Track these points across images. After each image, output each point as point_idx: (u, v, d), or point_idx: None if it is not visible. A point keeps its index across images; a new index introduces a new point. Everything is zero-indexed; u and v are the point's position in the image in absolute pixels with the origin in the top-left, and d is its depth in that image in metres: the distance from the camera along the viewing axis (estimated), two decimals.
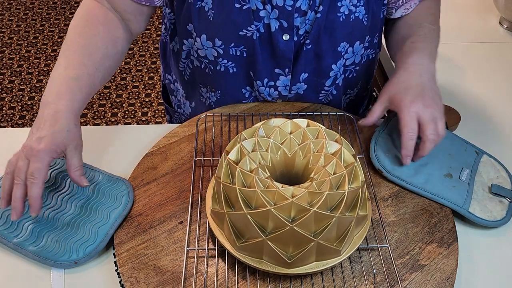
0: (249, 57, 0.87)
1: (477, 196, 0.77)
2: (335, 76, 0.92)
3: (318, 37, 0.84)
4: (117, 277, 0.68)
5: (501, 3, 1.29)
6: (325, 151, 0.69)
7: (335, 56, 0.88)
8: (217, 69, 0.90)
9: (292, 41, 0.85)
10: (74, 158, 0.72)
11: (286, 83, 0.91)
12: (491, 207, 0.76)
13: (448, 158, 0.82)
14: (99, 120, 2.35)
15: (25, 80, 2.58)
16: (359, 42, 0.89)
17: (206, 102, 0.99)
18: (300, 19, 0.83)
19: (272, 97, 0.93)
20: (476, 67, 1.15)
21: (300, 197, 0.62)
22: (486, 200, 0.77)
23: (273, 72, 0.89)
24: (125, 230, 0.72)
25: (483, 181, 0.80)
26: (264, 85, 0.91)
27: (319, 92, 0.94)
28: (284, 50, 0.85)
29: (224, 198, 0.65)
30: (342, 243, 0.64)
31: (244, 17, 0.81)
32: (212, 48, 0.87)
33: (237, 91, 0.93)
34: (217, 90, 0.94)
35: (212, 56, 0.88)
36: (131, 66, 2.68)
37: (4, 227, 0.72)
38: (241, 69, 0.89)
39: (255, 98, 0.95)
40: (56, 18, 3.05)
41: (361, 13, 0.84)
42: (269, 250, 0.62)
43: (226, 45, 0.85)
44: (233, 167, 0.66)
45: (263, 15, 0.82)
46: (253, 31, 0.83)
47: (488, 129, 0.96)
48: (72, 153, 0.72)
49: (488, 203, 0.77)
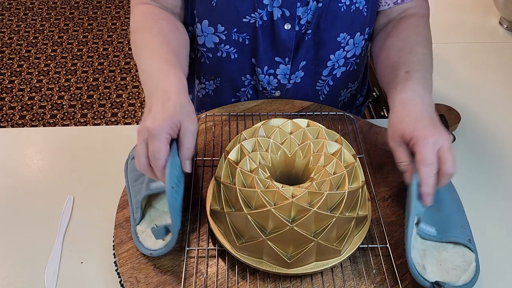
0: (251, 45, 0.88)
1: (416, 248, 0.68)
2: (332, 66, 0.92)
3: (319, 27, 0.85)
4: (117, 277, 0.68)
5: (501, 3, 1.29)
6: (325, 151, 0.69)
7: (334, 47, 0.89)
8: (218, 56, 0.91)
9: (294, 31, 0.85)
10: (186, 137, 0.65)
11: (286, 72, 0.91)
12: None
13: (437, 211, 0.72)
14: (99, 120, 2.35)
15: (25, 80, 2.57)
16: (360, 33, 0.89)
17: (201, 93, 1.00)
18: (302, 9, 0.83)
19: (271, 86, 0.94)
20: (476, 67, 1.15)
21: (300, 197, 0.62)
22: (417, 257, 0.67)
23: (273, 61, 0.90)
24: (125, 230, 0.72)
25: (438, 256, 0.68)
26: (264, 73, 0.91)
27: (316, 81, 0.94)
28: (285, 39, 0.86)
29: (224, 198, 0.66)
30: (342, 243, 0.64)
31: (248, 4, 0.82)
32: (214, 34, 0.87)
33: (237, 78, 0.94)
34: (217, 77, 0.95)
35: (211, 43, 0.89)
36: (131, 66, 2.68)
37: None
38: (243, 56, 0.90)
39: (254, 87, 0.95)
40: (56, 18, 3.05)
41: (361, 4, 0.85)
42: (269, 250, 0.62)
43: (229, 31, 0.86)
44: (233, 167, 0.66)
45: (267, 3, 0.82)
46: (256, 19, 0.84)
47: (488, 129, 0.96)
48: (186, 130, 0.65)
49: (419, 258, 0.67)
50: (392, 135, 0.71)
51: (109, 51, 2.78)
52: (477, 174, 0.87)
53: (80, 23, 3.00)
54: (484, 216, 0.80)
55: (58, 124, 2.33)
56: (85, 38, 2.88)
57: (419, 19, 0.88)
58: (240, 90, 0.96)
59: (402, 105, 0.72)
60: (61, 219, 0.77)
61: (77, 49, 2.79)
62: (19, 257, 0.72)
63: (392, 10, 0.90)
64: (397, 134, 0.70)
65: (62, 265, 0.71)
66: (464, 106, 1.00)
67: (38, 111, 2.39)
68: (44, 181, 0.84)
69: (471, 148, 0.92)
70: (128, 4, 3.17)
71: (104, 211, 0.78)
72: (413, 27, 0.86)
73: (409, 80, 0.75)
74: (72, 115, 2.37)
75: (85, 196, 0.81)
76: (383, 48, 0.87)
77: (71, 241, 0.75)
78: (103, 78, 2.59)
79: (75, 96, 2.47)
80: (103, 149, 0.89)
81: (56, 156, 0.89)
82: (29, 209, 0.79)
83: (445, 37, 1.26)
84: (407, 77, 0.76)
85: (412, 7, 0.90)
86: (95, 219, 0.77)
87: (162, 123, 0.63)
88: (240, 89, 0.96)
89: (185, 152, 0.66)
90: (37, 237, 0.75)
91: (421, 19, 0.88)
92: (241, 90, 0.96)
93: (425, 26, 0.87)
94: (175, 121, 0.64)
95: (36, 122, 2.33)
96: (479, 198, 0.83)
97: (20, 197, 0.81)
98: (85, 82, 2.56)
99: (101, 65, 2.68)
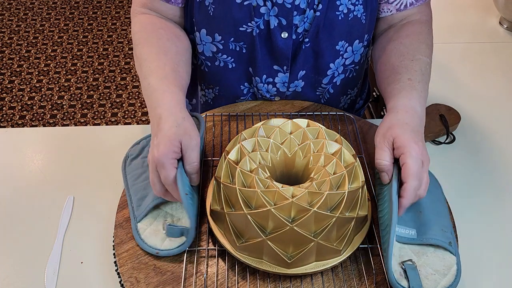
0: (248, 53, 0.87)
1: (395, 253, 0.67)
2: (332, 74, 0.92)
3: (317, 36, 0.85)
4: (117, 277, 0.68)
5: (501, 3, 1.29)
6: (325, 151, 0.69)
7: (333, 55, 0.88)
8: (216, 65, 0.91)
9: (291, 40, 0.85)
10: (189, 151, 0.69)
11: (285, 80, 0.91)
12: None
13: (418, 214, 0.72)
14: (99, 120, 2.35)
15: (25, 80, 2.57)
16: (358, 41, 0.88)
17: (202, 100, 1.00)
18: (299, 17, 0.83)
19: (270, 93, 0.93)
20: (476, 67, 1.15)
21: (300, 197, 0.62)
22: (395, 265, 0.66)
23: (272, 69, 0.89)
24: (125, 230, 0.72)
25: (419, 261, 0.67)
26: (263, 81, 0.91)
27: (316, 89, 0.94)
28: (282, 48, 0.85)
29: (224, 198, 0.66)
30: (342, 243, 0.64)
31: (245, 13, 0.82)
32: (211, 43, 0.87)
33: (236, 87, 0.94)
34: (215, 86, 0.95)
35: (210, 52, 0.89)
36: (131, 66, 2.68)
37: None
38: (240, 65, 0.90)
39: (253, 94, 0.95)
40: (56, 18, 3.05)
41: (359, 12, 0.84)
42: (269, 250, 0.62)
43: (226, 40, 0.86)
44: (233, 167, 0.66)
45: (264, 12, 0.82)
46: (253, 27, 0.83)
47: (488, 129, 0.96)
48: (187, 146, 0.68)
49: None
50: (384, 133, 0.71)
51: (109, 51, 2.78)
52: (476, 174, 0.87)
53: (80, 23, 3.00)
54: (484, 216, 0.80)
55: (58, 124, 2.33)
56: (85, 38, 2.88)
57: (422, 25, 0.87)
58: (239, 98, 0.96)
59: (405, 111, 0.73)
60: (61, 219, 0.77)
61: (77, 49, 2.79)
62: (19, 257, 0.72)
63: (394, 16, 0.89)
64: (390, 134, 0.70)
65: (62, 265, 0.71)
66: (464, 106, 1.00)
67: (38, 111, 2.39)
68: (44, 181, 0.84)
69: (471, 148, 0.92)
70: (128, 4, 3.17)
71: (104, 211, 0.78)
72: (417, 34, 0.85)
73: (413, 89, 0.76)
74: (72, 115, 2.37)
75: (85, 196, 0.81)
76: (384, 51, 0.86)
77: (71, 241, 0.75)
78: (103, 78, 2.59)
79: (75, 96, 2.47)
80: (103, 149, 0.89)
81: (56, 156, 0.89)
82: (29, 209, 0.79)
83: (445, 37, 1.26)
84: (411, 85, 0.76)
85: (414, 13, 0.89)
86: (95, 219, 0.77)
87: (165, 150, 0.66)
88: (239, 98, 0.95)
89: (188, 168, 0.69)
90: (37, 237, 0.75)
91: (424, 25, 0.87)
92: (240, 98, 0.95)
93: (428, 33, 0.86)
94: (175, 143, 0.67)
95: (36, 122, 2.33)
96: (478, 198, 0.83)
97: (20, 197, 0.81)
98: (85, 82, 2.56)
99: (101, 65, 2.68)
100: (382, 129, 0.72)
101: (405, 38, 0.84)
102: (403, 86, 0.76)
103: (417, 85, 0.76)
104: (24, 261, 0.72)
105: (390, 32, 0.89)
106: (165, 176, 0.66)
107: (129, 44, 2.83)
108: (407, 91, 0.75)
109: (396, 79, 0.78)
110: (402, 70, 0.79)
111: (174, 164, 0.67)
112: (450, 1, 1.41)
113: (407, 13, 0.88)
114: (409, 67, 0.79)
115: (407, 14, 0.89)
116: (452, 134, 0.93)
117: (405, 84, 0.76)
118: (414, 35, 0.85)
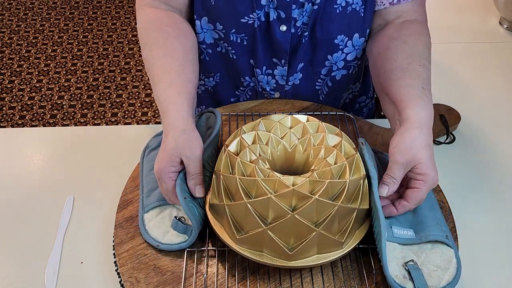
0: (249, 45, 0.88)
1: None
2: (330, 66, 0.92)
3: (315, 29, 0.85)
4: (117, 277, 0.68)
5: (501, 3, 1.29)
6: (325, 143, 0.69)
7: (332, 48, 0.89)
8: (217, 51, 0.91)
9: (289, 33, 0.85)
10: (190, 165, 0.70)
11: (283, 73, 0.91)
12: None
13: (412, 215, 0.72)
14: (99, 120, 2.35)
15: (25, 80, 2.57)
16: (359, 35, 0.88)
17: (201, 89, 1.01)
18: (297, 11, 0.83)
19: (270, 86, 0.94)
20: (476, 67, 1.15)
21: (301, 185, 0.61)
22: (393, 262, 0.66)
23: (271, 61, 0.90)
24: (125, 230, 0.72)
25: (421, 261, 0.67)
26: (263, 73, 0.92)
27: (316, 81, 0.94)
28: (280, 41, 0.86)
29: (223, 190, 0.65)
30: (344, 236, 0.64)
31: (247, 5, 0.82)
32: (213, 30, 0.87)
33: (236, 77, 0.95)
34: (216, 73, 0.95)
35: (211, 39, 0.89)
36: (131, 66, 2.68)
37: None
38: (241, 56, 0.90)
39: (253, 88, 0.96)
40: (56, 18, 3.05)
41: (358, 5, 0.84)
42: (270, 241, 0.62)
43: (227, 30, 0.86)
44: (233, 157, 0.65)
45: (264, 4, 0.83)
46: (254, 19, 0.84)
47: (488, 129, 0.96)
48: (187, 160, 0.69)
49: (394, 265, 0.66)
50: (407, 152, 0.68)
51: (109, 51, 2.78)
52: (476, 174, 0.87)
53: (80, 23, 3.00)
54: (483, 216, 0.80)
55: (58, 124, 2.33)
56: (85, 38, 2.88)
57: (421, 26, 0.85)
58: (239, 88, 0.96)
59: (428, 128, 0.70)
60: (61, 219, 0.77)
61: (77, 49, 2.79)
62: (19, 257, 0.72)
63: (388, 11, 0.87)
64: (413, 158, 0.68)
65: (62, 265, 0.71)
66: (464, 106, 1.00)
67: (38, 111, 2.39)
68: (44, 181, 0.84)
69: (471, 148, 0.92)
70: (128, 4, 3.17)
71: (104, 211, 0.78)
72: (419, 35, 0.83)
73: (429, 101, 0.73)
74: (72, 115, 2.37)
75: (85, 196, 0.81)
76: (388, 49, 0.83)
77: (71, 241, 0.75)
78: (103, 78, 2.59)
79: (75, 96, 2.47)
80: (103, 149, 0.89)
81: (56, 156, 0.89)
82: (29, 209, 0.79)
83: (445, 37, 1.26)
84: (427, 96, 0.74)
85: (409, 11, 0.87)
86: (95, 219, 0.77)
87: (162, 166, 0.69)
88: (239, 88, 0.96)
89: (189, 180, 0.70)
90: (37, 237, 0.75)
91: (423, 26, 0.86)
92: (240, 88, 0.96)
93: (427, 35, 0.85)
94: (173, 158, 0.69)
95: (36, 122, 2.33)
96: (478, 198, 0.83)
97: (20, 197, 0.81)
98: (85, 82, 2.56)
99: (101, 65, 2.68)
100: (403, 145, 0.68)
101: (408, 37, 0.83)
102: (420, 95, 0.73)
103: (428, 95, 0.74)
104: (24, 261, 0.72)
105: (389, 29, 0.87)
106: (165, 188, 0.70)
107: (129, 44, 2.83)
108: (425, 102, 0.72)
109: (411, 84, 0.75)
110: (414, 75, 0.76)
111: (173, 177, 0.69)
112: (450, 1, 1.41)
113: (401, 9, 0.86)
114: (419, 73, 0.76)
115: (402, 10, 0.87)
116: (452, 134, 0.93)
117: (421, 93, 0.73)
118: (416, 35, 0.83)
